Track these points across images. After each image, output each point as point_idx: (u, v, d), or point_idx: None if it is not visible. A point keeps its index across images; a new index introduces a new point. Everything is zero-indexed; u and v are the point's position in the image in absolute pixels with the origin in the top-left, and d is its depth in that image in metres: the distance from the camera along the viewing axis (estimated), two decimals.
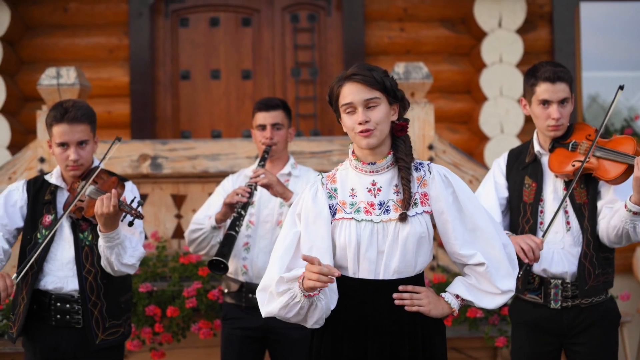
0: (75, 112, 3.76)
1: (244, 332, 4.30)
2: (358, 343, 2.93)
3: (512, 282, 2.98)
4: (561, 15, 7.37)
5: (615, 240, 3.66)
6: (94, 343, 3.76)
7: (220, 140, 5.60)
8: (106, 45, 7.41)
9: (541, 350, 3.80)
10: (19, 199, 3.89)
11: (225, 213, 4.22)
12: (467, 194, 3.00)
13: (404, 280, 2.94)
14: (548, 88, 3.74)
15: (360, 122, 2.90)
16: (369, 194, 2.96)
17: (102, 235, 3.63)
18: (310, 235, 2.94)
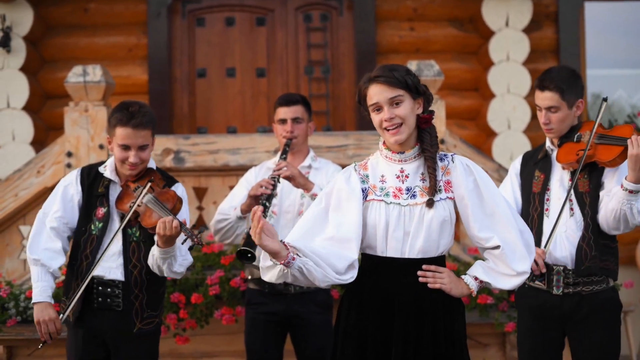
0: (141, 119, 3.89)
1: (267, 316, 4.52)
2: (384, 319, 3.15)
3: (527, 265, 3.19)
4: (566, 15, 7.60)
5: (614, 224, 3.84)
6: (132, 330, 3.97)
7: (241, 135, 5.85)
8: (125, 45, 7.65)
9: (546, 336, 3.99)
10: (74, 193, 4.04)
11: (250, 204, 4.43)
12: (486, 182, 3.21)
13: (427, 260, 3.16)
14: (538, 95, 4.03)
15: (386, 119, 3.13)
16: (397, 180, 3.19)
17: (159, 250, 3.80)
18: (342, 211, 3.17)
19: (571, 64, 7.51)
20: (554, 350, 4.03)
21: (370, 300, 3.17)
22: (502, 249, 3.17)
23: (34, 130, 7.28)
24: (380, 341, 3.15)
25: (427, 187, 3.16)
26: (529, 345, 4.05)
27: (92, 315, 3.98)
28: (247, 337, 4.61)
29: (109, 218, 3.97)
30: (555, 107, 3.98)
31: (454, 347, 3.19)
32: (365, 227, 3.18)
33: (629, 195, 3.76)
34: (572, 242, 3.96)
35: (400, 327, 3.14)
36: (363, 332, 3.18)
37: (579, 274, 3.91)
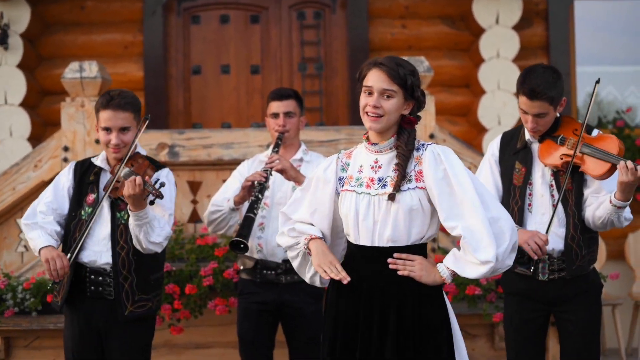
0: (119, 101, 4.06)
1: (259, 305, 4.62)
2: (353, 303, 3.26)
3: (491, 254, 3.12)
4: (556, 13, 7.71)
5: (600, 227, 4.01)
6: (123, 314, 4.07)
7: (234, 130, 5.95)
8: (121, 42, 7.76)
9: (530, 317, 4.13)
10: (65, 181, 4.21)
11: (243, 196, 4.54)
12: (458, 171, 3.23)
13: (398, 249, 3.24)
14: (526, 102, 3.99)
15: (371, 105, 3.22)
16: (371, 170, 3.30)
17: (131, 214, 3.94)
18: (315, 200, 3.38)
19: (561, 61, 7.63)
20: (539, 332, 4.17)
21: (344, 286, 3.27)
22: (465, 238, 3.17)
23: (31, 126, 7.39)
24: (350, 324, 3.26)
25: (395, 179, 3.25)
26: (515, 327, 4.18)
27: (86, 304, 4.11)
28: (239, 326, 4.71)
29: (98, 203, 4.10)
30: (544, 113, 4.00)
31: (426, 337, 3.21)
32: (342, 215, 3.33)
33: (617, 210, 3.92)
34: (556, 239, 4.07)
35: (365, 311, 3.24)
36: (337, 317, 3.31)
37: (571, 273, 4.04)
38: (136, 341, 4.15)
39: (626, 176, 3.80)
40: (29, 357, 5.77)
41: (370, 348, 3.22)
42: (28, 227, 4.14)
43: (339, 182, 3.36)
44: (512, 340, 4.20)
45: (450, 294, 5.41)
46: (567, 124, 4.13)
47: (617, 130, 7.58)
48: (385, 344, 3.21)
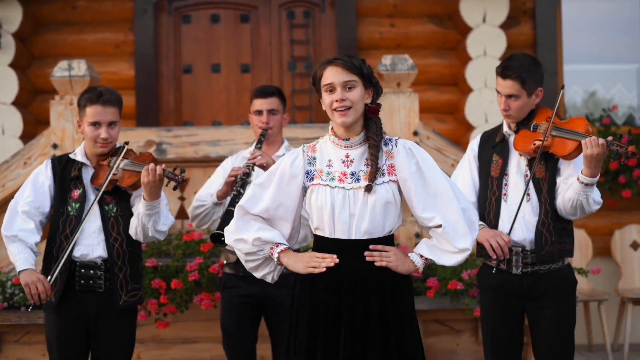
0: (109, 96, 4.18)
1: (242, 299, 4.68)
2: (334, 297, 3.33)
3: (468, 242, 3.34)
4: (543, 11, 7.79)
5: (571, 211, 4.04)
6: (118, 304, 4.15)
7: (221, 128, 6.04)
8: (112, 41, 7.84)
9: (505, 312, 4.19)
10: (44, 179, 4.25)
11: (226, 191, 4.62)
12: (429, 164, 3.39)
13: (374, 240, 3.34)
14: (499, 82, 4.18)
15: (338, 100, 3.31)
16: (342, 165, 3.38)
17: (145, 204, 4.02)
18: (281, 194, 3.42)
19: (548, 60, 7.71)
20: (515, 326, 4.22)
21: (321, 278, 3.35)
22: (444, 227, 3.33)
23: (23, 125, 7.47)
24: (331, 318, 3.33)
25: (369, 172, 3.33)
26: (491, 321, 4.25)
27: (74, 298, 4.15)
28: (222, 319, 4.78)
29: (85, 198, 4.17)
30: (515, 95, 4.14)
31: (402, 322, 3.35)
32: (313, 210, 3.38)
33: (585, 188, 3.95)
34: (529, 226, 4.14)
35: (348, 304, 3.32)
36: (315, 308, 3.36)
37: (539, 259, 4.10)
38: (124, 331, 4.24)
39: (591, 149, 3.87)
40: (19, 351, 5.85)
41: (355, 338, 3.30)
42: (8, 240, 4.17)
43: (306, 176, 3.42)
44: (488, 334, 4.26)
45: (433, 289, 5.49)
46: (542, 113, 4.26)
47: (603, 127, 7.65)
48: (369, 332, 3.30)
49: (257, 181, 3.52)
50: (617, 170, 7.48)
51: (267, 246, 3.44)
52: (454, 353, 5.97)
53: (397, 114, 5.91)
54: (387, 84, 5.93)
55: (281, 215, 3.45)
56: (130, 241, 4.19)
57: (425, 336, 5.89)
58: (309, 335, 3.36)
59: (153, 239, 4.17)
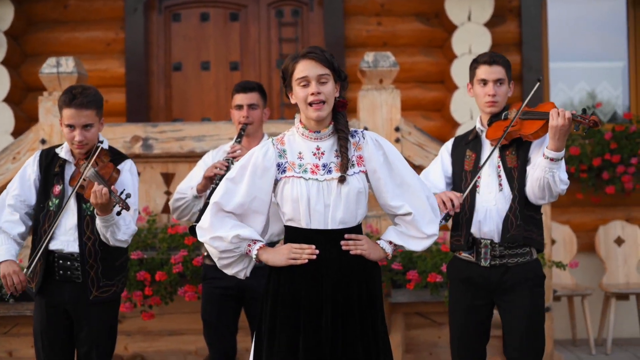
0: (82, 99, 4.19)
1: (222, 290, 4.77)
2: (315, 285, 3.43)
3: (435, 228, 3.53)
4: (529, 9, 7.88)
5: (539, 193, 4.12)
6: (88, 298, 4.25)
7: (206, 123, 6.14)
8: (103, 39, 7.94)
9: (474, 304, 4.27)
10: (31, 172, 4.35)
11: (205, 184, 4.72)
12: (395, 155, 3.52)
13: (348, 230, 3.46)
14: (486, 69, 4.30)
15: (314, 93, 3.40)
16: (314, 157, 3.48)
17: (99, 218, 4.10)
18: (255, 187, 3.48)
19: (534, 58, 7.82)
20: (483, 318, 4.31)
21: (300, 269, 3.44)
22: (414, 215, 3.48)
23: (15, 122, 7.57)
24: (312, 305, 3.42)
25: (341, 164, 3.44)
26: (459, 313, 4.33)
27: (54, 287, 4.27)
28: (203, 310, 4.88)
29: (64, 195, 4.26)
30: (502, 80, 4.29)
31: (374, 307, 3.50)
32: (286, 202, 3.46)
33: (551, 164, 4.03)
34: (501, 216, 4.23)
35: (329, 292, 3.43)
36: (296, 297, 3.45)
37: (504, 242, 4.18)
38: (103, 321, 4.31)
39: (556, 120, 3.97)
40: (7, 343, 5.95)
41: (336, 324, 3.41)
42: None
43: (277, 169, 3.49)
44: (455, 325, 4.35)
45: (413, 282, 5.57)
46: (513, 106, 4.38)
47: None
48: (350, 317, 3.43)
49: (228, 176, 3.56)
50: (601, 166, 7.58)
51: (245, 243, 3.51)
52: (436, 345, 6.06)
53: (379, 110, 6.01)
54: (369, 81, 6.04)
55: (255, 208, 3.51)
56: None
57: (407, 329, 6.01)
58: (291, 324, 3.44)
59: (116, 246, 4.24)
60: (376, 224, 5.86)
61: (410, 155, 6.04)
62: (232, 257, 3.56)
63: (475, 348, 4.34)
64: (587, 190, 7.69)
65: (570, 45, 8.18)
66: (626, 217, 7.80)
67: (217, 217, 3.52)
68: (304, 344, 3.40)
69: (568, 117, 3.97)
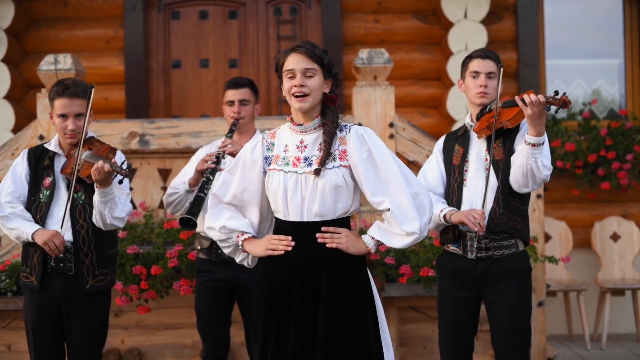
0: (74, 89, 4.33)
1: (215, 283, 4.85)
2: (286, 277, 3.50)
3: (416, 226, 3.46)
4: (525, 7, 7.92)
5: (523, 180, 4.16)
6: (85, 288, 4.32)
7: (202, 119, 6.20)
8: (103, 37, 8.02)
9: (461, 296, 4.34)
10: (21, 169, 4.45)
11: (197, 178, 4.79)
12: (380, 150, 3.52)
13: (326, 223, 3.51)
14: (479, 62, 4.42)
15: (296, 85, 3.47)
16: (297, 150, 3.54)
17: (98, 191, 4.20)
18: (244, 180, 3.60)
19: (530, 55, 7.87)
20: (470, 311, 4.37)
21: (274, 259, 3.53)
22: (392, 211, 3.48)
23: (15, 118, 7.65)
24: (283, 297, 3.50)
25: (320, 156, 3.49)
26: (447, 305, 4.40)
27: (47, 280, 4.33)
28: (196, 302, 4.96)
29: (55, 186, 4.35)
30: (493, 73, 4.39)
31: (352, 300, 3.50)
32: (270, 193, 3.55)
33: (533, 149, 4.09)
34: (487, 210, 4.29)
35: (299, 285, 3.49)
36: (270, 288, 3.54)
37: (488, 231, 4.24)
38: (95, 314, 4.38)
39: (531, 108, 4.03)
40: (7, 337, 6.01)
41: (305, 316, 3.47)
42: (4, 219, 4.37)
43: (265, 161, 3.58)
44: (443, 318, 4.42)
45: (406, 276, 5.63)
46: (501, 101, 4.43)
47: (583, 121, 7.78)
48: (318, 311, 3.46)
49: (227, 168, 3.71)
50: (596, 162, 7.62)
51: (234, 234, 3.62)
52: (430, 339, 6.10)
53: (373, 106, 6.06)
54: (363, 77, 6.09)
55: (248, 200, 3.62)
56: (97, 228, 4.34)
57: (401, 323, 6.06)
58: (265, 314, 3.53)
59: (112, 226, 4.32)
60: (370, 219, 5.92)
61: (404, 151, 6.10)
62: (229, 247, 3.69)
63: (463, 340, 4.39)
64: (583, 186, 7.74)
65: (566, 43, 8.23)
66: (622, 213, 7.84)
67: (216, 208, 3.67)
68: (275, 334, 3.48)
69: (542, 100, 4.03)
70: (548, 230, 7.42)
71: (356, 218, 5.89)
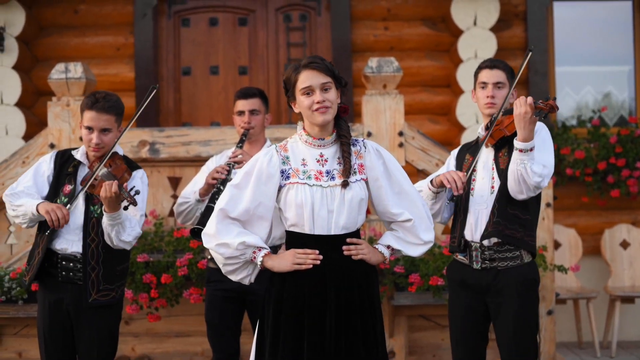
0: (103, 104, 4.32)
1: (225, 293, 4.85)
2: (318, 289, 3.51)
3: (432, 234, 3.67)
4: (535, 14, 7.92)
5: (516, 187, 4.13)
6: (87, 300, 4.33)
7: (212, 128, 6.22)
8: (113, 44, 8.05)
9: (470, 305, 4.33)
10: (46, 169, 4.46)
11: (208, 189, 4.81)
12: (394, 164, 3.65)
13: (349, 235, 3.56)
14: (486, 73, 4.44)
15: (319, 101, 3.49)
16: (317, 163, 3.56)
17: (106, 215, 4.21)
18: (259, 194, 3.55)
19: (540, 62, 7.87)
20: (480, 321, 4.35)
21: (304, 273, 3.52)
22: (414, 221, 3.61)
23: (26, 125, 7.68)
24: (316, 309, 3.50)
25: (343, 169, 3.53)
26: (457, 315, 4.39)
27: (57, 288, 4.36)
28: (206, 312, 4.97)
29: (73, 194, 4.36)
30: (502, 83, 4.41)
31: (374, 310, 3.60)
32: (290, 207, 3.53)
33: (521, 155, 4.07)
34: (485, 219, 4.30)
35: (332, 296, 3.51)
36: (299, 302, 3.52)
37: (482, 238, 4.24)
38: (104, 325, 4.38)
39: (519, 108, 4.03)
40: (17, 344, 6.06)
41: (340, 326, 3.50)
42: (13, 196, 4.37)
43: (281, 175, 3.56)
44: (454, 327, 4.41)
45: (415, 285, 5.64)
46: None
47: (593, 128, 7.78)
48: (352, 319, 3.52)
49: (233, 182, 3.62)
50: (606, 170, 7.61)
51: (250, 250, 3.57)
52: (439, 348, 6.12)
53: (382, 114, 6.08)
54: (373, 86, 6.10)
55: (261, 214, 3.57)
56: (107, 245, 4.33)
57: (410, 331, 6.08)
58: (295, 328, 3.51)
59: (119, 247, 4.32)
60: (379, 228, 5.93)
61: (413, 159, 6.11)
62: (238, 264, 3.62)
63: (473, 349, 4.38)
64: (592, 194, 7.73)
65: (576, 50, 8.22)
66: (632, 221, 7.83)
67: (223, 223, 3.59)
68: (309, 347, 3.47)
69: (529, 102, 4.02)
70: (557, 238, 7.42)
71: (366, 227, 5.90)
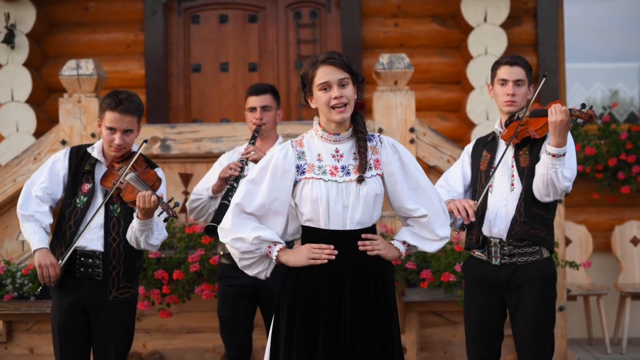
0: (128, 105, 4.33)
1: (238, 288, 4.86)
2: (333, 284, 3.52)
3: (448, 230, 3.67)
4: (545, 10, 7.91)
5: (544, 190, 4.16)
6: (108, 298, 4.36)
7: (223, 124, 6.23)
8: (123, 41, 8.06)
9: (487, 301, 4.34)
10: (61, 168, 4.45)
11: (221, 185, 4.82)
12: (411, 160, 3.64)
13: (364, 230, 3.56)
14: (506, 70, 4.41)
15: (336, 97, 3.47)
16: (333, 159, 3.55)
17: (139, 221, 4.22)
18: (275, 189, 3.55)
19: (550, 58, 7.85)
20: (496, 317, 4.36)
21: (319, 268, 3.52)
22: (429, 217, 3.60)
23: (36, 122, 7.70)
24: (331, 304, 3.51)
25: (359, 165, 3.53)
26: (474, 311, 4.39)
27: (75, 284, 4.36)
28: (219, 308, 4.98)
29: (93, 194, 4.37)
30: (522, 80, 4.39)
31: (389, 305, 3.59)
32: (305, 202, 3.53)
33: (553, 160, 4.08)
34: (509, 216, 4.29)
35: (347, 291, 3.51)
36: (314, 297, 3.53)
37: (509, 237, 4.25)
38: (120, 321, 4.41)
39: (555, 115, 4.04)
40: (29, 340, 6.08)
41: (355, 321, 3.50)
42: (24, 218, 4.40)
43: (297, 170, 3.56)
44: (470, 324, 4.41)
45: (427, 281, 5.64)
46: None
47: (603, 125, 7.76)
48: (367, 314, 3.52)
49: (248, 177, 3.63)
50: (616, 166, 7.60)
51: (265, 245, 3.57)
52: (450, 344, 6.13)
53: (394, 111, 6.08)
54: (384, 82, 6.10)
55: (276, 209, 3.57)
56: (128, 244, 4.36)
57: (422, 327, 6.08)
58: (310, 323, 3.51)
59: (144, 249, 4.38)
60: (391, 224, 5.93)
61: (425, 156, 6.11)
62: (253, 258, 3.62)
63: (490, 346, 4.40)
64: (602, 190, 7.71)
65: (586, 46, 8.20)
66: None
67: (238, 218, 3.59)
68: (323, 342, 3.48)
69: (565, 110, 4.04)
70: (568, 235, 7.40)
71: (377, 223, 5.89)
